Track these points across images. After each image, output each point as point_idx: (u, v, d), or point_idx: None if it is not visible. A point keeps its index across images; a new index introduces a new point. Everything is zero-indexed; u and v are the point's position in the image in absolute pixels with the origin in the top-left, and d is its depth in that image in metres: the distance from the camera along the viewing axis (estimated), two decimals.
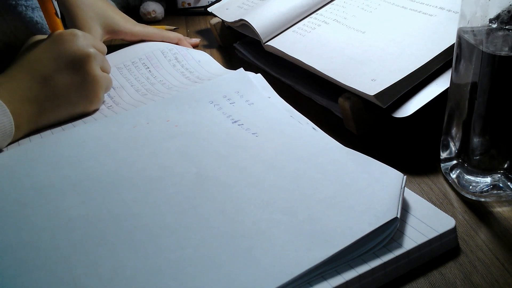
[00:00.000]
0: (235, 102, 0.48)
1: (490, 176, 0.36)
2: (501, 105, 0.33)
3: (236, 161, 0.39)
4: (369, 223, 0.30)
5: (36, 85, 0.47)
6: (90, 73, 0.49)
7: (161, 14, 0.91)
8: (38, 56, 0.48)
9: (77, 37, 0.49)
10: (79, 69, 0.48)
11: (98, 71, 0.50)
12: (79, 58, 0.48)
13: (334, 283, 0.28)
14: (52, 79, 0.47)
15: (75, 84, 0.48)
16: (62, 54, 0.48)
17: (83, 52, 0.49)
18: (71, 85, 0.48)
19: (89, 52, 0.49)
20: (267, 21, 0.59)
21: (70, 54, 0.48)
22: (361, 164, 0.36)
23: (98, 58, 0.50)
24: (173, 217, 0.33)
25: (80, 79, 0.48)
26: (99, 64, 0.50)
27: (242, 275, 0.28)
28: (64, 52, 0.48)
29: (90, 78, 0.49)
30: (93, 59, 0.49)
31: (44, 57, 0.48)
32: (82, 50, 0.49)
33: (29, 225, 0.34)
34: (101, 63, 0.51)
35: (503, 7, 0.32)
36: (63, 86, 0.48)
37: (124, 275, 0.29)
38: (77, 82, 0.48)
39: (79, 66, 0.48)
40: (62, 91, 0.48)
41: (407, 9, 0.51)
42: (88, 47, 0.49)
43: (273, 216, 0.32)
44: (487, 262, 0.31)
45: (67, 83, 0.48)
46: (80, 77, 0.48)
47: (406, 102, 0.43)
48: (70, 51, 0.48)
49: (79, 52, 0.48)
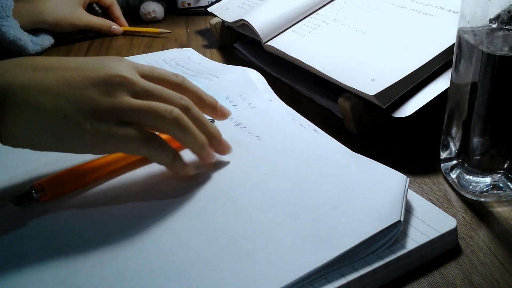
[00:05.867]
0: (237, 105, 0.48)
1: (490, 176, 0.36)
2: (501, 105, 0.33)
3: (239, 164, 0.39)
4: (372, 225, 0.30)
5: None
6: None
7: (161, 14, 0.91)
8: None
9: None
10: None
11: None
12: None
13: (336, 283, 0.28)
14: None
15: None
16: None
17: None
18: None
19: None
20: (267, 21, 0.59)
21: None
22: (364, 167, 0.37)
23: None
24: (175, 219, 0.33)
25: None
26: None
27: (245, 277, 0.28)
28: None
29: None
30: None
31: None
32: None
33: (30, 224, 0.34)
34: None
35: (503, 7, 0.32)
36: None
37: (126, 277, 0.29)
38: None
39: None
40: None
41: (407, 9, 0.51)
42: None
43: (276, 219, 0.32)
44: (487, 262, 0.31)
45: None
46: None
47: (406, 102, 0.43)
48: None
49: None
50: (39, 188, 0.35)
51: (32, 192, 0.35)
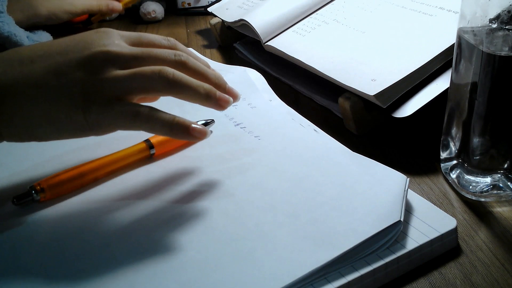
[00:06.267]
0: (237, 105, 0.48)
1: (490, 176, 0.36)
2: (501, 105, 0.33)
3: (239, 164, 0.39)
4: (372, 225, 0.30)
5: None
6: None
7: (161, 14, 0.91)
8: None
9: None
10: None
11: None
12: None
13: (336, 283, 0.28)
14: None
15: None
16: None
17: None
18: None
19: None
20: (267, 21, 0.59)
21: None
22: (364, 167, 0.37)
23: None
24: (175, 219, 0.33)
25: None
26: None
27: (245, 277, 0.28)
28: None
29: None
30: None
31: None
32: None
33: (30, 224, 0.34)
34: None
35: (503, 7, 0.32)
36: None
37: (126, 277, 0.29)
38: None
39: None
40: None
41: (407, 9, 0.51)
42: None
43: (276, 219, 0.32)
44: (487, 262, 0.31)
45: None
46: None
47: (406, 102, 0.43)
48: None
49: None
50: (39, 188, 0.35)
51: (32, 192, 0.35)
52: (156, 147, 0.40)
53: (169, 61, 0.35)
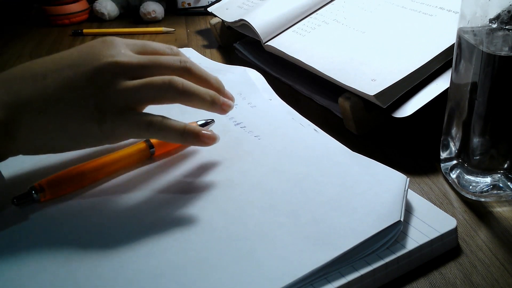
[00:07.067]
0: (237, 104, 0.48)
1: (490, 176, 0.36)
2: (501, 105, 0.33)
3: (239, 164, 0.39)
4: (372, 225, 0.30)
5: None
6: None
7: (161, 14, 0.91)
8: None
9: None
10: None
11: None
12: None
13: (336, 283, 0.28)
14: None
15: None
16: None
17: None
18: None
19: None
20: (267, 21, 0.59)
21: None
22: (364, 167, 0.37)
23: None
24: (175, 219, 0.33)
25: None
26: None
27: (245, 277, 0.28)
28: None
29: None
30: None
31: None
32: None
33: (30, 224, 0.34)
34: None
35: (503, 7, 0.32)
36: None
37: (126, 277, 0.29)
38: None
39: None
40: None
41: (407, 9, 0.51)
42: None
43: (276, 219, 0.32)
44: (487, 262, 0.31)
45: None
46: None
47: (406, 102, 0.43)
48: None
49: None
50: (39, 189, 0.35)
51: (32, 192, 0.35)
52: (156, 147, 0.40)
53: (175, 68, 0.36)
